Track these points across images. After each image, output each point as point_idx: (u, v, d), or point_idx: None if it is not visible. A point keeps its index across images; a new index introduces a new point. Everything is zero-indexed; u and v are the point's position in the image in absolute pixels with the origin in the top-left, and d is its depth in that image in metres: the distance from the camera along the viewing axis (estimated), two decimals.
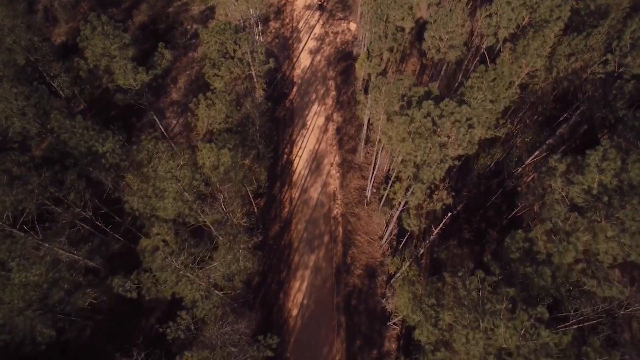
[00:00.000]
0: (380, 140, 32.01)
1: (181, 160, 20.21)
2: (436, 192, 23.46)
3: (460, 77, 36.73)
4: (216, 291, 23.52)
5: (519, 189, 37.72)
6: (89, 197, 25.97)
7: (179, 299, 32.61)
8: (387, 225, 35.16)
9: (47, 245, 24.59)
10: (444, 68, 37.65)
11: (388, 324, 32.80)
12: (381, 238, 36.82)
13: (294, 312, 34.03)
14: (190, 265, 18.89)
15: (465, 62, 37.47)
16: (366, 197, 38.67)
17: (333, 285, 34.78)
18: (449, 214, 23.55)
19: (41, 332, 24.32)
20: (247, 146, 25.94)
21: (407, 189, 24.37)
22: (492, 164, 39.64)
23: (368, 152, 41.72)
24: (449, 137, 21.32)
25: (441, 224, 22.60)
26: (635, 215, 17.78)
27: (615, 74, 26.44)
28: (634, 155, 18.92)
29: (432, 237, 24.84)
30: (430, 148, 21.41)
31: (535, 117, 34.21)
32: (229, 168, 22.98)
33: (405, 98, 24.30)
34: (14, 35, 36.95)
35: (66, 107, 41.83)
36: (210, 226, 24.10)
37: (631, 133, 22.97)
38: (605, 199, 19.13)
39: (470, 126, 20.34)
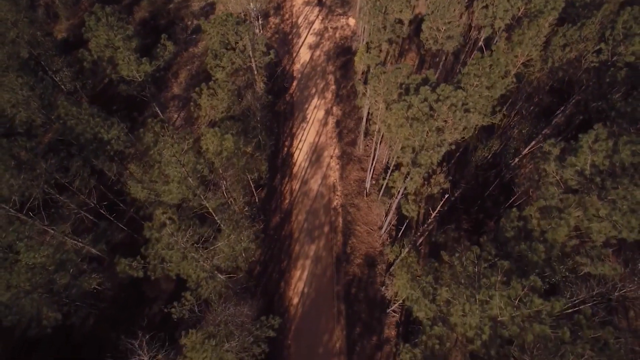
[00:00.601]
0: (379, 130, 32.73)
1: (185, 145, 20.84)
2: (433, 177, 24.11)
3: (458, 69, 37.46)
4: (219, 275, 24.14)
5: (516, 180, 38.43)
6: (94, 184, 26.56)
7: (183, 288, 33.36)
8: (386, 215, 35.81)
9: (53, 231, 25.21)
10: (442, 61, 38.42)
11: (387, 311, 33.44)
12: (380, 228, 37.48)
13: (295, 300, 34.67)
14: (195, 244, 19.51)
15: (463, 55, 38.21)
16: (365, 189, 39.33)
17: (333, 274, 35.41)
18: (447, 196, 24.21)
19: (47, 316, 24.94)
20: (249, 134, 26.57)
21: (406, 176, 25.02)
22: (489, 156, 40.34)
23: (367, 145, 42.40)
24: (445, 121, 22.00)
25: (439, 206, 23.25)
26: (626, 195, 18.46)
27: (609, 63, 27.17)
28: (625, 136, 19.62)
29: (430, 219, 25.46)
30: (428, 132, 22.10)
31: (532, 107, 34.93)
32: (232, 154, 23.64)
33: (403, 86, 24.99)
34: (17, 29, 37.59)
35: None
36: (213, 213, 24.72)
37: (623, 119, 23.68)
38: (598, 180, 19.82)
39: (467, 110, 21.03)
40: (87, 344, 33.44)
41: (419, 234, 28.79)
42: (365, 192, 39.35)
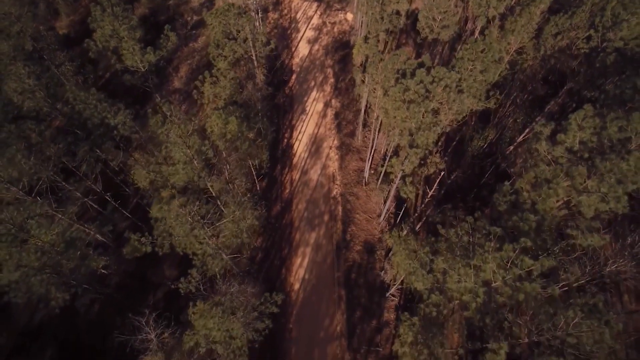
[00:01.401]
0: (377, 118, 33.82)
1: (191, 126, 21.82)
2: (429, 158, 25.15)
3: (454, 56, 38.59)
4: (224, 255, 25.07)
5: (512, 170, 39.51)
6: (100, 168, 27.49)
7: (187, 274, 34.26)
8: (384, 202, 36.81)
9: (61, 215, 26.11)
10: (440, 53, 39.57)
11: (387, 295, 34.41)
12: (379, 216, 38.49)
13: (296, 286, 35.61)
14: (201, 220, 20.44)
15: (459, 46, 39.33)
16: (364, 178, 40.37)
17: (333, 261, 36.37)
18: (442, 174, 25.23)
19: (55, 297, 25.80)
20: (251, 121, 27.56)
21: (405, 159, 26.05)
22: (485, 145, 41.44)
23: (366, 136, 43.47)
24: (441, 103, 23.07)
25: (435, 184, 24.27)
26: (613, 168, 19.53)
27: (599, 49, 28.31)
28: (612, 113, 20.71)
29: (427, 199, 26.49)
30: (424, 114, 23.15)
31: (526, 96, 36.06)
32: (235, 137, 24.64)
33: (400, 71, 26.05)
34: (21, 23, 38.56)
35: None
36: (217, 196, 25.67)
37: (613, 101, 24.78)
38: (587, 155, 20.90)
39: (460, 91, 22.09)
40: (93, 330, 34.30)
41: (416, 215, 29.79)
42: (364, 182, 40.37)
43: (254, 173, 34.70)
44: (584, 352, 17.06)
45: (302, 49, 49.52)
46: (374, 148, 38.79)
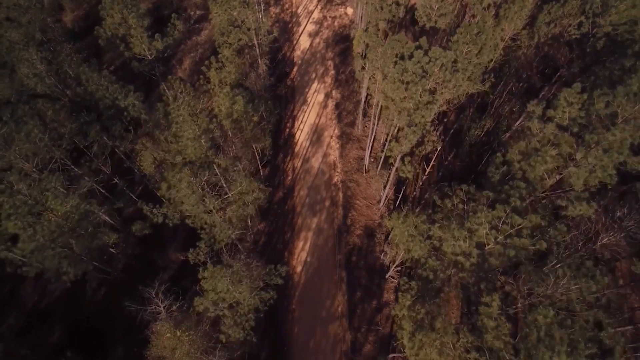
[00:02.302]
0: (377, 104, 35.24)
1: (200, 104, 23.18)
2: (427, 136, 26.53)
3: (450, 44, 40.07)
4: (230, 232, 26.37)
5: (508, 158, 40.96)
6: (110, 150, 28.83)
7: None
8: (384, 187, 38.15)
9: (72, 194, 27.41)
10: (438, 42, 40.95)
11: (386, 277, 35.70)
12: (379, 202, 39.86)
13: (298, 269, 36.92)
14: (210, 191, 21.75)
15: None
16: (364, 166, 41.76)
17: (334, 245, 37.71)
18: (439, 149, 26.58)
19: (66, 271, 27.09)
20: (255, 104, 28.90)
21: (405, 138, 27.42)
22: (482, 134, 42.83)
23: (366, 125, 44.87)
24: (437, 83, 24.49)
25: (433, 161, 25.65)
26: (599, 139, 20.93)
27: (590, 35, 29.79)
28: (599, 90, 22.13)
29: (425, 176, 27.85)
30: (421, 93, 24.56)
31: (521, 84, 37.50)
32: (241, 117, 26.01)
33: (399, 56, 27.47)
34: (29, 15, 40.02)
35: None
36: (224, 173, 27.00)
37: (602, 81, 26.19)
38: (575, 129, 22.30)
39: (455, 70, 23.51)
40: (99, 314, 35.49)
41: (415, 195, 31.16)
42: (364, 169, 41.76)
43: (257, 158, 36.02)
44: (572, 310, 18.36)
45: (303, 42, 51.01)
46: (373, 136, 40.22)
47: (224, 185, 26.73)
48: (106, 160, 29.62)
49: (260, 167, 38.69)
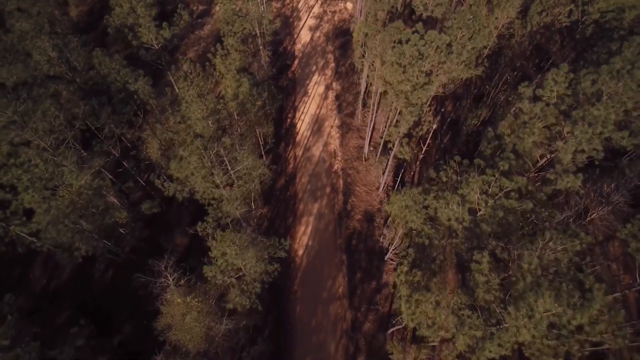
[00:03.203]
0: (376, 92, 36.83)
1: (208, 85, 24.72)
2: (423, 117, 28.09)
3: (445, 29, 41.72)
4: (236, 210, 27.85)
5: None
6: (120, 134, 30.34)
7: (197, 243, 36.92)
8: (383, 173, 39.67)
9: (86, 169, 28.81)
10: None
11: (385, 259, 37.16)
12: (378, 189, 41.39)
13: (300, 252, 38.38)
14: (219, 165, 23.23)
15: None
16: (364, 154, 43.32)
17: (335, 229, 39.19)
18: (434, 127, 28.12)
19: (78, 247, 28.55)
20: (259, 88, 30.46)
21: (402, 119, 28.97)
22: (478, 124, 44.45)
23: (365, 116, 46.44)
24: (433, 65, 26.07)
25: (428, 140, 27.18)
26: (585, 114, 22.50)
27: (579, 23, 31.45)
28: (584, 70, 23.73)
29: (421, 155, 29.37)
30: (418, 75, 26.14)
31: (515, 73, 39.12)
32: (246, 99, 27.55)
33: (396, 41, 29.08)
34: (38, 7, 41.73)
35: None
36: (229, 154, 28.50)
37: (589, 63, 27.79)
38: (563, 107, 23.87)
39: (450, 52, 25.10)
40: (107, 295, 36.89)
41: (412, 175, 32.68)
42: (363, 157, 43.32)
43: (261, 145, 37.56)
44: (561, 274, 19.81)
45: (304, 36, 52.70)
46: (372, 125, 41.79)
47: (229, 165, 28.26)
48: (116, 143, 31.11)
49: (263, 154, 40.21)
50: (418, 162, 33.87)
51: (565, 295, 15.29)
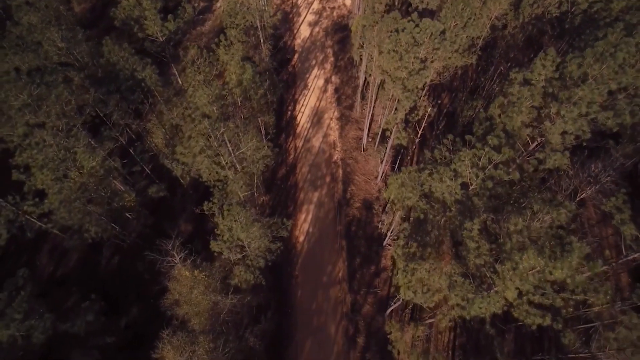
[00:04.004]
0: (374, 80, 38.38)
1: (214, 71, 26.23)
2: (419, 102, 29.62)
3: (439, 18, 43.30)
4: (240, 189, 29.32)
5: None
6: (126, 122, 31.83)
7: (201, 229, 38.36)
8: (381, 163, 41.18)
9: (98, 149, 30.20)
10: None
11: (384, 244, 38.62)
12: (376, 178, 42.91)
13: (301, 238, 39.84)
14: (225, 144, 24.69)
15: None
16: (363, 145, 44.85)
17: (335, 216, 40.67)
18: (429, 109, 29.62)
19: (87, 229, 29.98)
20: (261, 76, 31.96)
21: (399, 104, 30.48)
22: (474, 115, 46.03)
23: (364, 108, 47.98)
24: (428, 52, 27.63)
25: (423, 123, 28.68)
26: (570, 96, 24.04)
27: (569, 13, 33.07)
28: (571, 54, 25.29)
29: (418, 138, 30.87)
30: (413, 61, 27.69)
31: (509, 64, 40.71)
32: (250, 85, 29.08)
33: (393, 31, 30.65)
34: (45, 0, 43.29)
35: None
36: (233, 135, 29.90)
37: (577, 50, 29.34)
38: (550, 90, 25.43)
39: (444, 39, 26.66)
40: (113, 281, 38.27)
41: (409, 159, 34.18)
42: (362, 148, 44.86)
43: (262, 134, 39.04)
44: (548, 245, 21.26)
45: (304, 32, 54.34)
46: (371, 115, 43.32)
47: (230, 147, 29.64)
48: (123, 131, 32.56)
49: (264, 140, 41.67)
50: (415, 147, 35.32)
51: (548, 251, 16.71)
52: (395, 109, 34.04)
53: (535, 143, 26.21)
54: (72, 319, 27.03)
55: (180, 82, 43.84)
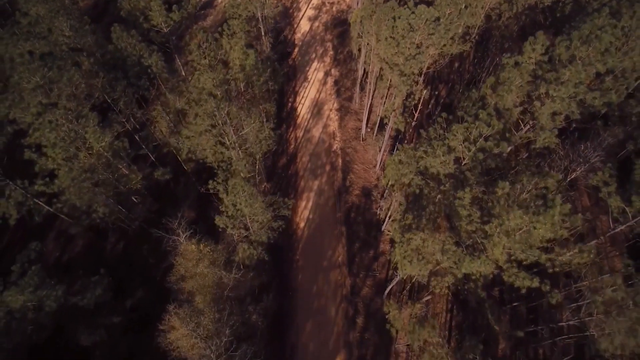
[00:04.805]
0: (372, 71, 39.90)
1: (219, 55, 27.71)
2: (415, 87, 31.12)
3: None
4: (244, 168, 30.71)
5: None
6: (133, 108, 33.33)
7: (205, 213, 39.67)
8: (380, 151, 42.63)
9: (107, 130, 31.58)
10: None
11: (382, 230, 40.00)
12: (375, 166, 44.36)
13: (302, 224, 41.23)
14: (229, 123, 26.10)
15: None
16: (362, 135, 46.34)
17: (335, 204, 42.10)
18: (424, 92, 31.07)
19: (96, 209, 31.38)
20: (263, 62, 33.44)
21: (396, 89, 31.95)
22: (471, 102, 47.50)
23: (362, 100, 49.49)
24: (423, 37, 29.16)
25: (420, 104, 30.11)
26: (558, 76, 25.53)
27: (560, 2, 34.66)
28: (559, 37, 26.82)
29: (414, 123, 32.32)
30: (409, 46, 29.21)
31: (504, 54, 42.23)
32: (252, 71, 30.55)
33: (389, 19, 32.20)
34: None
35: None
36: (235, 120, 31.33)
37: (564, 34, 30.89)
38: (540, 72, 26.92)
39: (438, 24, 28.18)
40: (118, 265, 39.57)
41: (406, 141, 35.63)
42: (361, 138, 46.36)
43: (264, 121, 40.48)
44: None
45: (304, 26, 55.99)
46: (369, 106, 44.81)
47: (231, 129, 31.00)
48: (128, 118, 34.02)
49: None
50: (412, 132, 36.80)
51: (532, 209, 18.10)
52: (394, 96, 35.56)
53: (528, 127, 27.63)
54: (81, 292, 28.30)
55: (184, 73, 45.41)
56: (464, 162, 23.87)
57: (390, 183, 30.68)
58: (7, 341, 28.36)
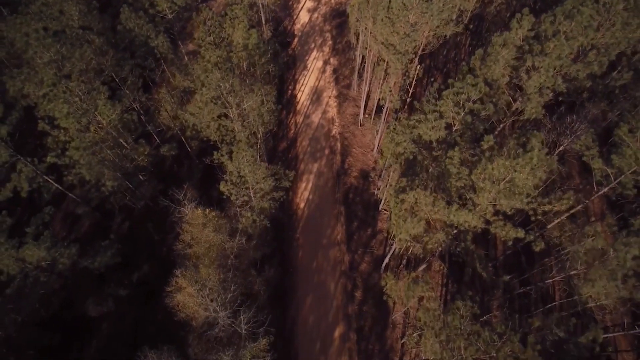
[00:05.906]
0: (371, 57, 41.90)
1: (223, 34, 29.66)
2: (409, 66, 33.09)
3: None
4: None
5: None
6: (140, 86, 35.26)
7: (207, 196, 41.29)
8: (377, 134, 44.55)
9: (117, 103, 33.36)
10: None
11: (379, 209, 41.83)
12: (372, 150, 46.27)
13: (302, 205, 43.08)
14: (233, 94, 27.99)
15: None
16: (360, 120, 48.31)
17: (334, 185, 43.98)
18: (418, 67, 33.05)
19: (104, 183, 33.18)
20: (265, 42, 35.40)
21: (392, 66, 33.86)
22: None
23: (360, 87, 51.49)
24: (417, 16, 31.17)
25: (414, 80, 32.05)
26: (544, 49, 27.50)
27: None
28: (545, 14, 28.82)
29: (409, 100, 34.22)
30: (403, 26, 31.20)
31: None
32: (255, 50, 32.51)
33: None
34: None
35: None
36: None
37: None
38: (527, 47, 28.89)
39: (431, 4, 30.20)
40: (124, 243, 41.25)
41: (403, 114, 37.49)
42: (359, 123, 48.34)
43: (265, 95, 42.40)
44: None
45: (303, 17, 58.16)
46: (367, 92, 46.80)
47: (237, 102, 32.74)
48: (134, 99, 35.88)
49: None
50: (407, 108, 38.74)
51: (513, 153, 20.10)
52: (391, 74, 37.42)
53: (517, 103, 29.56)
54: (92, 255, 30.06)
55: (187, 59, 47.41)
56: (454, 128, 25.76)
57: (387, 156, 32.50)
58: (19, 308, 30.13)
